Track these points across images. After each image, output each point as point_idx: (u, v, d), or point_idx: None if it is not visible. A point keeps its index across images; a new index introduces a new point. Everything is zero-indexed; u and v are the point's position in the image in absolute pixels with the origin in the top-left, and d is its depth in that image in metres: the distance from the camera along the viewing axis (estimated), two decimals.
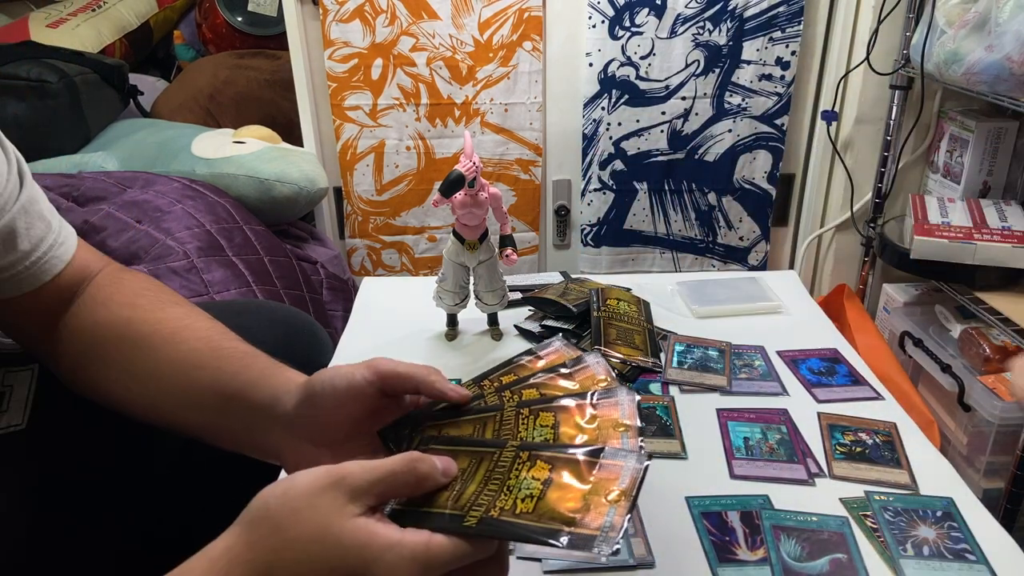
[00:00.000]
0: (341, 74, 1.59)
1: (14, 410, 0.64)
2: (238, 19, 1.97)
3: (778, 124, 1.64)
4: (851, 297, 1.52)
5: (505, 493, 0.44)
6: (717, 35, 1.57)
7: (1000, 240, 1.21)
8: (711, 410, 0.85)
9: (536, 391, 0.51)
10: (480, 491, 0.45)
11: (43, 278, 0.61)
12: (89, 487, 0.67)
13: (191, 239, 1.21)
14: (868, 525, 0.68)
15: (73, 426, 0.66)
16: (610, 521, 0.41)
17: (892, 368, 1.30)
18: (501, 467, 0.46)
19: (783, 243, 1.83)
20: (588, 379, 0.50)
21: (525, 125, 1.65)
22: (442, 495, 0.45)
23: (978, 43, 1.16)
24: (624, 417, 0.47)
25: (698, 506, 0.71)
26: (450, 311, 1.00)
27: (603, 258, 1.76)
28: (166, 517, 0.71)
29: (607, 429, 0.47)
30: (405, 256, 1.77)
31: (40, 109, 1.51)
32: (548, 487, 0.44)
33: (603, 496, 0.42)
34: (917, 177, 1.58)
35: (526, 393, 0.51)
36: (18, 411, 0.64)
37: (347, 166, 1.67)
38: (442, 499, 0.45)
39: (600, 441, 0.46)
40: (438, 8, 1.55)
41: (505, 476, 0.45)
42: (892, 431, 0.81)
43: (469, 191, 0.89)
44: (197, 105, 1.78)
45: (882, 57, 1.46)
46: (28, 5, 2.04)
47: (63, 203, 1.30)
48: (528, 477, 0.45)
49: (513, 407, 0.50)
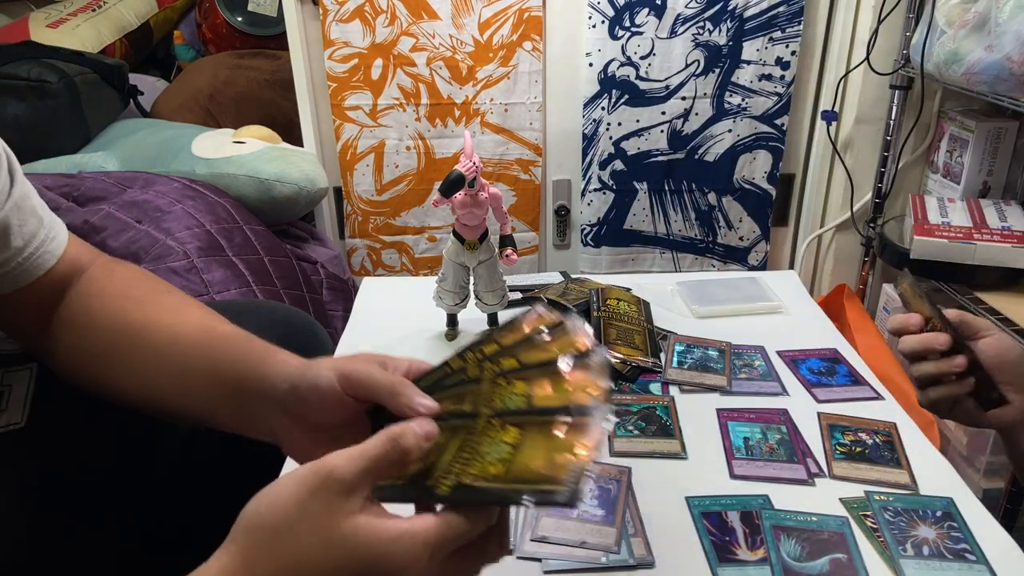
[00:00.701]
0: (341, 74, 1.59)
1: (13, 409, 0.65)
2: (238, 19, 1.97)
3: (778, 124, 1.64)
4: (851, 297, 1.52)
5: (478, 459, 0.45)
6: (717, 35, 1.57)
7: (1000, 240, 1.21)
8: (711, 410, 0.85)
9: (515, 359, 0.52)
10: (454, 460, 0.46)
11: (36, 273, 0.62)
12: (89, 486, 0.67)
13: (191, 239, 1.21)
14: (868, 525, 0.68)
15: (72, 424, 0.67)
16: (576, 475, 0.42)
17: (892, 368, 1.30)
18: (475, 435, 0.47)
19: (783, 243, 1.83)
20: (566, 343, 0.51)
21: (525, 125, 1.65)
22: (419, 466, 0.46)
23: (978, 43, 1.16)
24: (595, 379, 0.48)
25: (698, 506, 0.71)
26: (450, 311, 1.00)
27: (603, 258, 1.76)
28: (166, 517, 0.71)
29: (578, 392, 0.48)
30: (405, 256, 1.77)
31: (40, 109, 1.51)
32: (518, 450, 0.45)
33: (569, 452, 0.43)
34: (917, 177, 1.58)
35: (504, 362, 0.52)
36: (17, 410, 0.65)
37: (347, 166, 1.67)
38: (419, 470, 0.46)
39: (571, 403, 0.47)
40: (438, 8, 1.55)
41: (478, 443, 0.46)
42: (892, 431, 0.81)
43: (469, 191, 0.89)
44: (197, 105, 1.78)
45: (882, 57, 1.46)
46: (28, 5, 2.04)
47: (63, 203, 1.30)
48: (499, 441, 0.46)
49: (490, 378, 0.51)
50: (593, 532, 0.67)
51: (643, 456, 0.78)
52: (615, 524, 0.68)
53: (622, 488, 0.73)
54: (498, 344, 0.53)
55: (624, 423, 0.83)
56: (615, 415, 0.84)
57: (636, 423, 0.83)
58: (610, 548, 0.66)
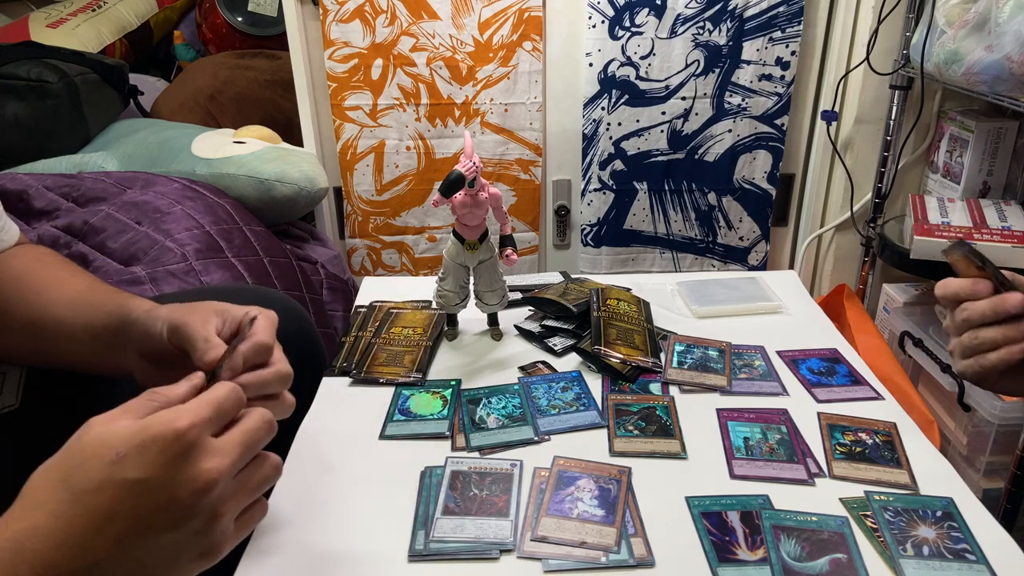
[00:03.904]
0: (341, 74, 1.59)
1: (8, 392, 0.69)
2: (238, 19, 1.97)
3: (778, 124, 1.64)
4: (851, 297, 1.52)
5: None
6: (717, 35, 1.57)
7: (1000, 240, 1.21)
8: (711, 410, 0.85)
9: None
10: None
11: None
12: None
13: (190, 240, 1.21)
14: (868, 525, 0.68)
15: (64, 405, 0.70)
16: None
17: (892, 368, 1.30)
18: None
19: (783, 243, 1.83)
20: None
21: (525, 125, 1.65)
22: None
23: (978, 43, 1.16)
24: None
25: (698, 506, 0.71)
26: (450, 311, 1.00)
27: (603, 258, 1.76)
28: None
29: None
30: (405, 256, 1.77)
31: (40, 109, 1.51)
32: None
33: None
34: (917, 177, 1.58)
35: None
36: (12, 393, 0.69)
37: (347, 166, 1.67)
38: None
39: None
40: (438, 8, 1.55)
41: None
42: (892, 431, 0.81)
43: (469, 191, 0.89)
44: (197, 105, 1.78)
45: (882, 57, 1.46)
46: (28, 5, 2.04)
47: (63, 203, 1.30)
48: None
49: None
50: (593, 532, 0.67)
51: (643, 456, 0.78)
52: (615, 524, 0.68)
53: (622, 488, 0.73)
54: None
55: (624, 423, 0.83)
56: (615, 415, 0.84)
57: (636, 423, 0.83)
58: (610, 548, 0.66)
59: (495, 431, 0.82)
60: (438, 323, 1.02)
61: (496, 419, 0.84)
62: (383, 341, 0.98)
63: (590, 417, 0.84)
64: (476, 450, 0.79)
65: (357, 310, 1.08)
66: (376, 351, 0.96)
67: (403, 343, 0.98)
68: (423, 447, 0.80)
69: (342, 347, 0.99)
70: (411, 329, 1.01)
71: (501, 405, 0.86)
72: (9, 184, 1.32)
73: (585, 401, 0.87)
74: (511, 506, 0.71)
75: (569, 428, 0.82)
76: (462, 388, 0.90)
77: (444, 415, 0.85)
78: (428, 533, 0.67)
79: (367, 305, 1.09)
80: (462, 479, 0.74)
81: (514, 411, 0.85)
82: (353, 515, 0.71)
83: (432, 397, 0.88)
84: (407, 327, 1.01)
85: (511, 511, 0.70)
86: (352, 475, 0.76)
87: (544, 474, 0.75)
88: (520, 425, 0.83)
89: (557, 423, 0.83)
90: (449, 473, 0.75)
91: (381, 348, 0.97)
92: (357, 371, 0.92)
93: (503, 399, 0.87)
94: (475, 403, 0.87)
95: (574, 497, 0.72)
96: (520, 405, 0.86)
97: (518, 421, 0.83)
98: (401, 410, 0.86)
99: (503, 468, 0.76)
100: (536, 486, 0.73)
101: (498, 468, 0.76)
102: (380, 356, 0.95)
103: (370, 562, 0.66)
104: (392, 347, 0.97)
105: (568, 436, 0.81)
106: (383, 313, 1.05)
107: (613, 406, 0.86)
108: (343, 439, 0.81)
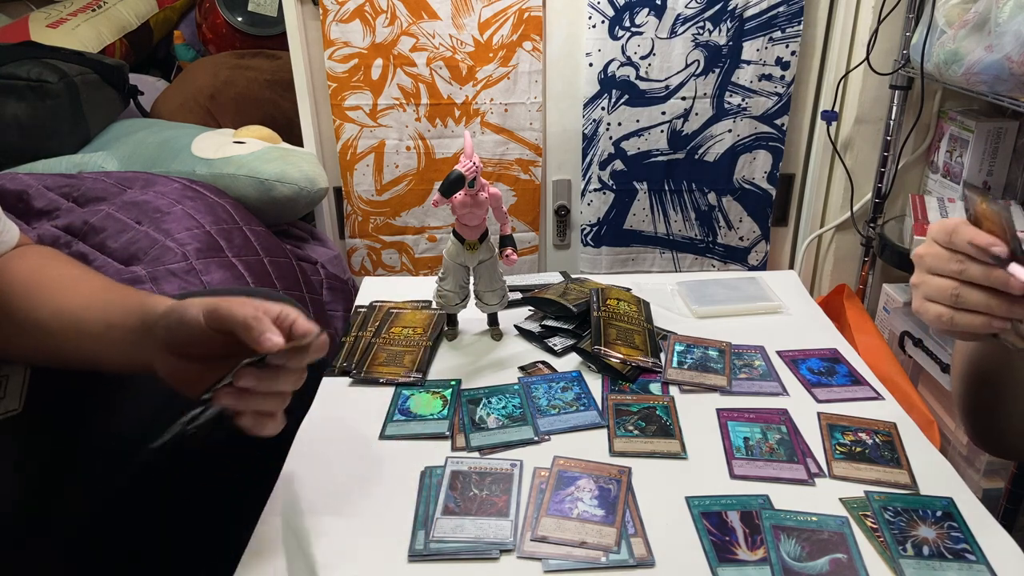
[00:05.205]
0: (341, 74, 1.59)
1: (11, 396, 0.69)
2: (238, 19, 1.97)
3: (778, 124, 1.64)
4: (851, 297, 1.52)
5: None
6: (717, 35, 1.57)
7: None
8: (711, 410, 0.85)
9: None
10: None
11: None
12: (83, 472, 0.69)
13: (190, 240, 1.21)
14: (868, 525, 0.68)
15: (67, 410, 0.70)
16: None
17: (892, 368, 1.30)
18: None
19: (783, 243, 1.83)
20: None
21: (525, 125, 1.65)
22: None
23: (978, 43, 1.16)
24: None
25: (698, 506, 0.71)
26: (450, 311, 1.00)
27: (603, 258, 1.76)
28: (154, 504, 0.72)
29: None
30: (405, 256, 1.77)
31: (40, 109, 1.51)
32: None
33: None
34: (917, 177, 1.58)
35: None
36: (15, 397, 0.69)
37: (347, 166, 1.67)
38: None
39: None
40: (438, 8, 1.55)
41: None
42: (892, 431, 0.81)
43: (469, 191, 0.89)
44: (197, 105, 1.78)
45: (882, 57, 1.46)
46: (28, 5, 2.03)
47: (63, 203, 1.30)
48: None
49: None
50: (593, 532, 0.67)
51: (643, 456, 0.78)
52: (615, 524, 0.68)
53: (622, 488, 0.73)
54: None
55: (624, 423, 0.83)
56: (615, 415, 0.84)
57: (636, 423, 0.83)
58: (610, 548, 0.66)
59: (495, 431, 0.82)
60: (438, 323, 1.02)
61: (496, 419, 0.84)
62: (383, 341, 0.98)
63: (590, 417, 0.84)
64: (476, 450, 0.79)
65: (357, 310, 1.08)
66: (376, 351, 0.96)
67: (403, 343, 0.98)
68: (423, 447, 0.80)
69: (342, 347, 0.99)
70: (411, 329, 1.01)
71: (501, 405, 0.86)
72: (9, 184, 1.32)
73: (585, 401, 0.87)
74: (511, 506, 0.71)
75: (569, 428, 0.82)
76: (462, 388, 0.90)
77: (444, 415, 0.85)
78: (428, 533, 0.67)
79: (367, 305, 1.09)
80: (462, 479, 0.74)
81: (514, 411, 0.85)
82: (353, 515, 0.71)
83: (432, 397, 0.88)
84: (407, 327, 1.01)
85: (511, 511, 0.70)
86: (352, 475, 0.76)
87: (544, 474, 0.75)
88: (520, 425, 0.83)
89: (557, 423, 0.83)
90: (449, 473, 0.75)
91: (381, 348, 0.97)
92: (357, 371, 0.92)
93: (503, 399, 0.87)
94: (475, 403, 0.87)
95: (574, 497, 0.72)
96: (520, 405, 0.86)
97: (518, 421, 0.83)
98: (401, 410, 0.86)
99: (503, 468, 0.76)
100: (536, 486, 0.73)
101: (498, 468, 0.76)
102: (380, 356, 0.95)
103: (370, 562, 0.66)
104: (392, 347, 0.97)
105: (568, 436, 0.81)
106: (383, 313, 1.05)
107: (613, 406, 0.86)
108: (343, 439, 0.81)
